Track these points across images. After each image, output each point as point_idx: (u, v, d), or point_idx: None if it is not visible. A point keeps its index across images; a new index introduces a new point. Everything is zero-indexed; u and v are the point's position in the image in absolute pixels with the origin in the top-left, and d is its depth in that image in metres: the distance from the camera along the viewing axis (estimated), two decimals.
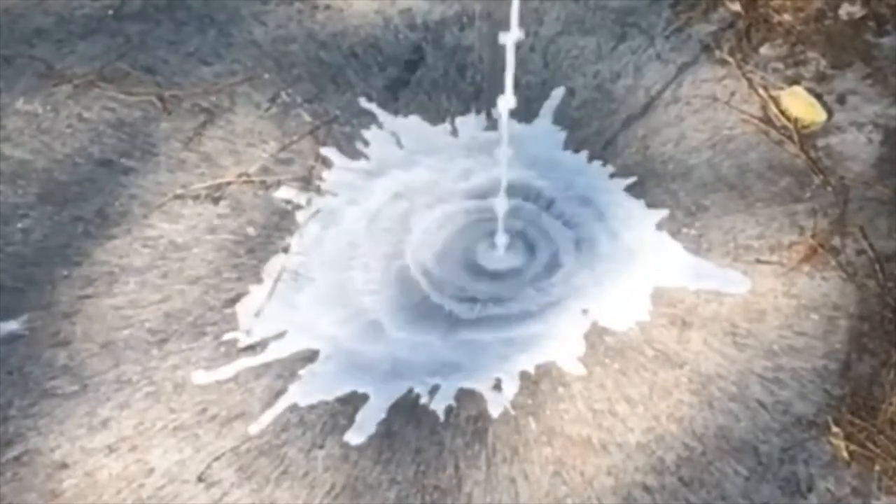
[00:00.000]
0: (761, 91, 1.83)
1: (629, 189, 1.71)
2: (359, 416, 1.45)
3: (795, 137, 1.76)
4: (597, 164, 1.75)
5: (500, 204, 1.60)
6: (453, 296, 1.60)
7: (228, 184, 1.72)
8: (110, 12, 1.99)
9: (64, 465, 1.41)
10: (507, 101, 1.50)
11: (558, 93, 1.85)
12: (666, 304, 1.57)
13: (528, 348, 1.53)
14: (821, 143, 1.76)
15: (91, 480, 1.40)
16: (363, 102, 1.84)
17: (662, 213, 1.68)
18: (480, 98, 1.85)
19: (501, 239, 1.63)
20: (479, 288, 1.61)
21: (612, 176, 1.73)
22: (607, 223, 1.68)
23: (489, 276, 1.62)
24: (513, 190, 1.62)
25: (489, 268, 1.63)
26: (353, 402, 1.47)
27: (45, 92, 1.85)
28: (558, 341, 1.53)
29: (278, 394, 1.48)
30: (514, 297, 1.59)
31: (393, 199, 1.72)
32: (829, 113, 1.80)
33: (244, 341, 1.54)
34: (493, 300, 1.59)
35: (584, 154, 1.77)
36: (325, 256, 1.64)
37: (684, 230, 1.66)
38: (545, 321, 1.56)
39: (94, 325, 1.55)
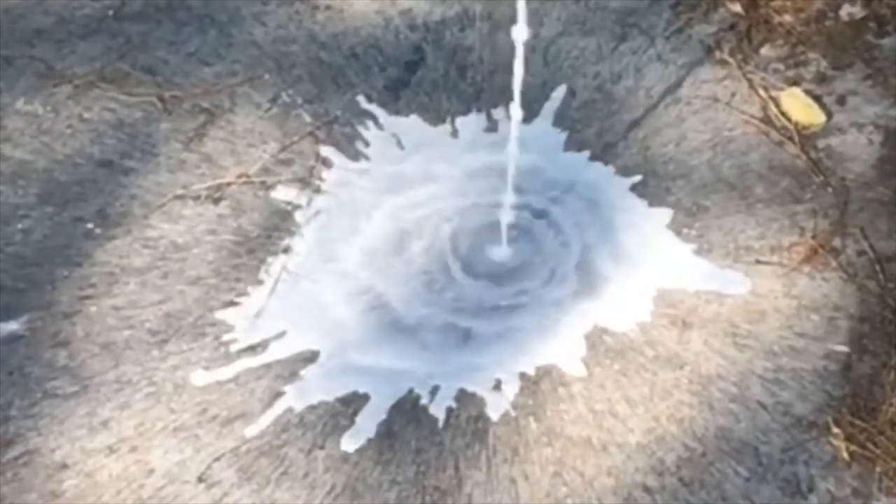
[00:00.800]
0: (762, 92, 1.83)
1: (630, 190, 1.71)
2: (359, 417, 1.45)
3: (796, 138, 1.76)
4: (598, 164, 1.75)
5: (504, 225, 1.62)
6: (454, 299, 1.60)
7: (229, 184, 1.72)
8: (111, 13, 1.99)
9: (64, 466, 1.41)
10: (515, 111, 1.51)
11: (559, 94, 1.85)
12: (666, 305, 1.57)
13: (528, 349, 1.53)
14: (821, 143, 1.76)
15: (91, 481, 1.40)
16: (363, 103, 1.84)
17: (663, 213, 1.68)
18: (481, 98, 1.85)
19: (504, 240, 1.64)
20: (480, 289, 1.61)
21: (613, 177, 1.73)
22: (608, 224, 1.68)
23: (490, 278, 1.62)
24: (513, 192, 1.62)
25: (490, 269, 1.63)
26: (353, 403, 1.47)
27: (45, 92, 1.85)
28: (559, 342, 1.53)
29: (278, 394, 1.48)
30: (514, 299, 1.59)
31: (393, 199, 1.72)
32: (829, 114, 1.80)
33: (244, 342, 1.54)
34: (493, 300, 1.59)
35: (584, 155, 1.77)
36: (326, 257, 1.64)
37: (685, 231, 1.66)
38: (545, 322, 1.56)
39: (94, 326, 1.55)
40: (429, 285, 1.61)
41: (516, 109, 1.51)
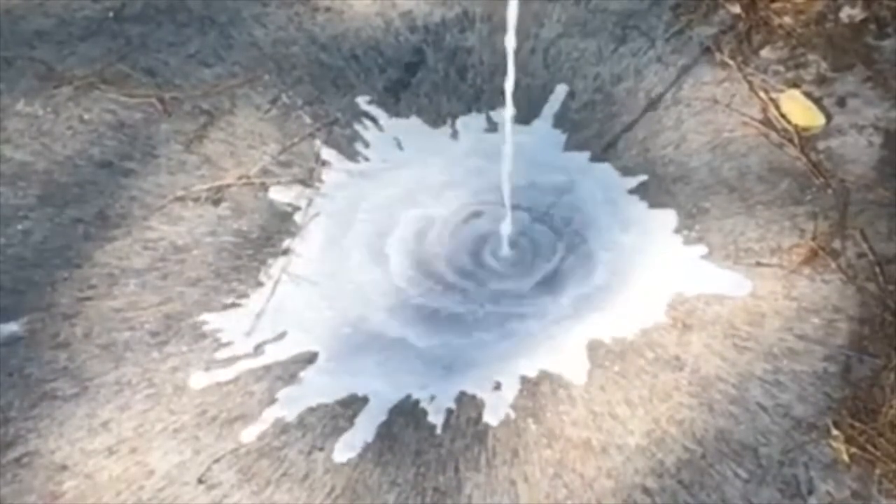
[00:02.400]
0: (762, 94, 1.83)
1: (631, 191, 1.71)
2: (358, 419, 1.45)
3: (796, 140, 1.76)
4: (598, 166, 1.75)
5: (505, 227, 1.62)
6: (454, 301, 1.60)
7: (229, 186, 1.72)
8: (111, 14, 1.99)
9: (64, 467, 1.41)
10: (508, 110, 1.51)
11: (559, 95, 1.85)
12: (666, 307, 1.57)
13: (527, 351, 1.53)
14: (821, 145, 1.76)
15: (91, 482, 1.40)
16: (363, 104, 1.84)
17: (663, 215, 1.68)
18: (481, 100, 1.85)
19: (504, 242, 1.64)
20: (481, 291, 1.61)
21: (613, 178, 1.73)
22: (608, 225, 1.68)
23: (490, 280, 1.62)
24: (513, 193, 1.62)
25: (490, 271, 1.63)
26: (352, 405, 1.47)
27: (45, 94, 1.85)
28: (558, 344, 1.53)
29: (278, 396, 1.48)
30: (514, 301, 1.59)
31: (393, 201, 1.72)
32: (829, 116, 1.80)
33: (244, 344, 1.54)
34: (493, 302, 1.59)
35: (584, 156, 1.77)
36: (326, 258, 1.64)
37: (685, 232, 1.66)
38: (544, 324, 1.56)
39: (94, 327, 1.55)
40: (429, 287, 1.61)
41: (509, 112, 1.52)
